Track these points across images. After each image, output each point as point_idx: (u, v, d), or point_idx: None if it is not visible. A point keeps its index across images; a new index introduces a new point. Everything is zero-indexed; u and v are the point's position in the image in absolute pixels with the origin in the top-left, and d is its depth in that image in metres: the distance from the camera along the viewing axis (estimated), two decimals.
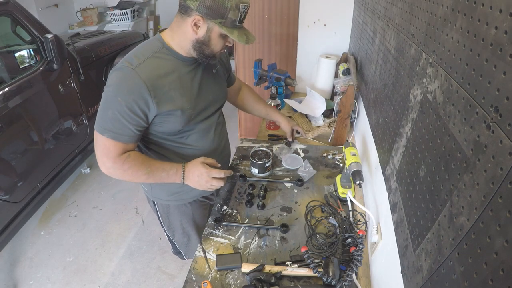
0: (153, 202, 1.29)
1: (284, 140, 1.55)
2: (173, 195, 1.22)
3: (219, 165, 1.11)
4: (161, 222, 1.36)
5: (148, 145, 1.12)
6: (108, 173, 1.03)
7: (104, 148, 0.98)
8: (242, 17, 0.94)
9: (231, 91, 1.39)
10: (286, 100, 1.89)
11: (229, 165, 1.40)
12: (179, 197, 1.23)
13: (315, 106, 1.80)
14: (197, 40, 0.96)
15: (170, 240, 1.43)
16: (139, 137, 1.02)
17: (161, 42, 1.00)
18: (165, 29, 1.04)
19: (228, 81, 1.32)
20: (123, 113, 0.93)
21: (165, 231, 1.39)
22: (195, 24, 0.93)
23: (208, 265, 0.99)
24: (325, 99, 1.97)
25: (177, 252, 1.50)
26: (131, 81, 0.92)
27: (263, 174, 1.34)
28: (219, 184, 1.09)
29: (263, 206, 1.18)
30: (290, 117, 1.78)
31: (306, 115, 1.80)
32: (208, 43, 0.96)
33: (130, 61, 0.94)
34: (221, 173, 1.07)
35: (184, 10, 0.93)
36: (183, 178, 1.07)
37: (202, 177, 1.06)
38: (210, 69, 1.13)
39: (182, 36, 0.97)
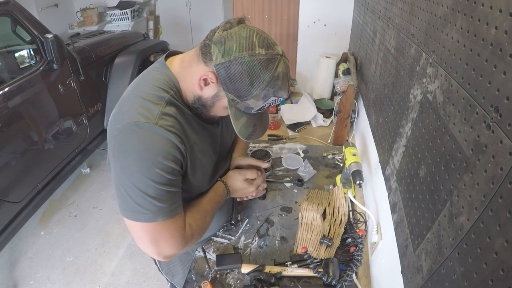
0: None
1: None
2: None
3: (265, 165, 1.00)
4: (158, 267, 1.19)
5: None
6: (188, 248, 0.85)
7: (165, 236, 0.73)
8: (265, 107, 0.72)
9: None
10: (282, 106, 1.90)
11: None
12: None
13: (307, 109, 1.82)
14: (199, 99, 0.74)
15: (168, 282, 1.23)
16: None
17: (173, 82, 0.75)
18: (175, 53, 0.82)
19: None
20: (167, 182, 0.69)
21: (162, 274, 1.21)
22: (204, 80, 0.70)
23: (208, 265, 0.99)
24: (325, 99, 1.98)
25: None
26: (157, 139, 0.67)
27: None
28: (257, 185, 0.99)
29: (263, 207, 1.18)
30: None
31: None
32: (210, 109, 0.76)
33: (143, 113, 0.68)
34: (254, 174, 0.97)
35: (204, 51, 0.69)
36: (229, 193, 0.96)
37: (238, 183, 0.96)
38: None
39: (189, 79, 0.74)
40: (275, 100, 0.70)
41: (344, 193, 1.13)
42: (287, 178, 1.33)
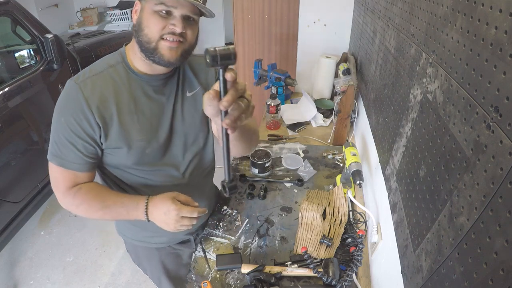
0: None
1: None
2: (138, 236, 1.05)
3: (196, 203, 0.86)
4: (131, 257, 1.19)
5: (106, 178, 0.94)
6: (64, 207, 0.88)
7: (53, 178, 0.86)
8: None
9: None
10: (282, 106, 1.90)
11: (214, 208, 1.18)
12: (145, 240, 1.06)
13: (307, 109, 1.82)
14: (133, 28, 0.81)
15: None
16: (92, 166, 0.86)
17: (122, 56, 0.86)
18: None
19: None
20: (67, 136, 0.80)
21: (137, 265, 1.20)
22: (135, 12, 0.81)
23: (208, 265, 0.99)
24: (325, 99, 1.98)
25: None
26: (72, 97, 0.79)
27: (263, 174, 1.34)
28: (190, 224, 0.85)
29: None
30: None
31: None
32: (141, 25, 0.78)
33: (79, 75, 0.82)
34: (194, 212, 0.83)
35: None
36: (147, 215, 0.84)
37: (169, 216, 0.82)
38: (183, 92, 0.92)
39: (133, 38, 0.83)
40: None
41: (344, 193, 1.13)
42: (287, 178, 1.33)
